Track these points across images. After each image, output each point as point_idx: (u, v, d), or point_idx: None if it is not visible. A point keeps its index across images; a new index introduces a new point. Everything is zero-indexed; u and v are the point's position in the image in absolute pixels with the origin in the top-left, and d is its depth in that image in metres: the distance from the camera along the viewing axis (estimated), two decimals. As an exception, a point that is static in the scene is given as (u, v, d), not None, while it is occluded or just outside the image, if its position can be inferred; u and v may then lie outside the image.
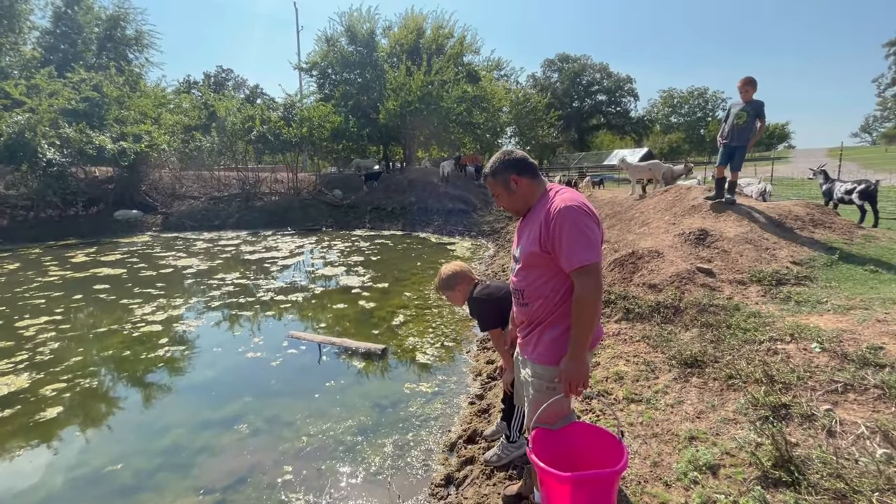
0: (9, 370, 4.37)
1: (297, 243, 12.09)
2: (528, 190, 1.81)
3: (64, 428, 3.42)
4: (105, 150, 13.33)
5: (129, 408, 3.74)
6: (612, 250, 5.65)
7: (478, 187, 19.81)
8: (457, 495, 2.57)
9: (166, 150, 15.78)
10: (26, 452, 3.14)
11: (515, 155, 1.84)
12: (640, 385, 3.12)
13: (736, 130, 5.41)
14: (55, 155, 12.55)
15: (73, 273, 8.51)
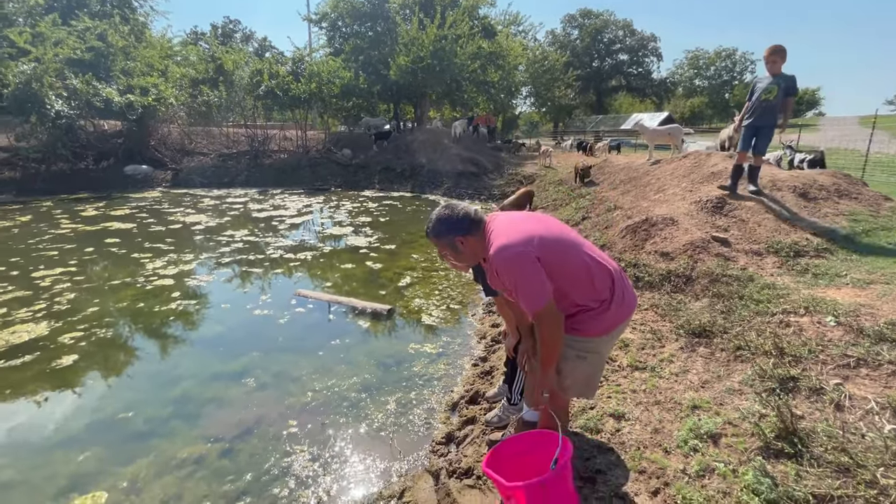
0: (28, 318, 4.49)
1: (304, 202, 12.05)
2: (476, 247, 1.80)
3: (80, 375, 3.53)
4: (112, 102, 13.17)
5: (142, 358, 3.83)
6: (626, 217, 5.51)
7: (490, 149, 19.37)
8: (457, 453, 2.62)
9: (174, 105, 15.53)
10: (44, 397, 3.25)
11: (458, 213, 1.79)
12: (645, 353, 3.09)
13: (762, 108, 4.61)
14: (63, 107, 12.44)
15: (84, 226, 8.61)
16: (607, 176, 9.14)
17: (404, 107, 28.23)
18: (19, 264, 6.16)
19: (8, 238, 7.68)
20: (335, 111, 24.75)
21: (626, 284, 1.83)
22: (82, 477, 2.49)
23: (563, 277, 1.70)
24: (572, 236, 1.83)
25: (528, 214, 1.92)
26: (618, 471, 2.12)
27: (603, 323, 1.76)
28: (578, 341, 1.80)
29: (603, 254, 1.88)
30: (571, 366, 1.84)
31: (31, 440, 2.81)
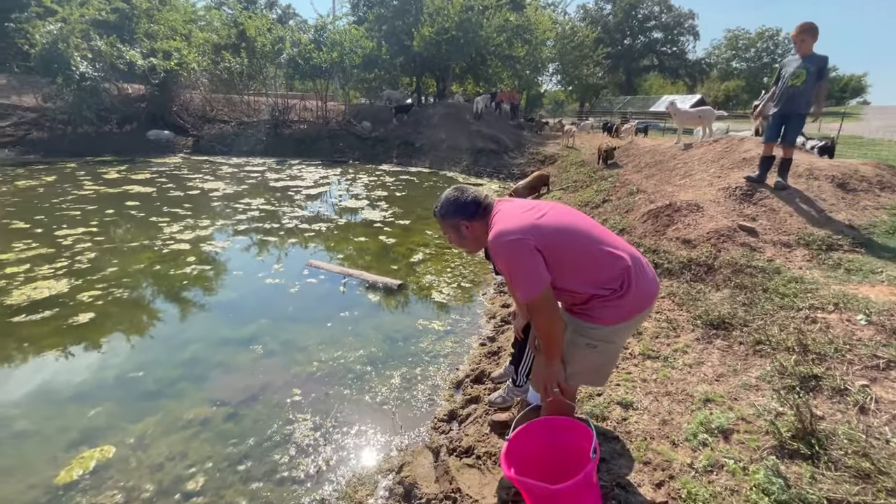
0: (50, 275, 4.61)
1: (322, 174, 12.02)
2: (480, 233, 1.78)
3: (95, 333, 3.62)
4: (135, 65, 13.22)
5: (155, 320, 3.90)
6: (648, 201, 5.31)
7: (512, 127, 18.92)
8: (459, 431, 2.60)
9: (196, 70, 15.51)
10: (60, 353, 3.35)
11: (466, 197, 1.77)
12: (658, 342, 2.99)
13: (788, 94, 4.15)
14: (87, 68, 12.54)
15: (106, 188, 8.76)
16: (632, 159, 8.83)
17: (426, 80, 27.69)
18: (43, 222, 6.32)
19: (34, 197, 7.88)
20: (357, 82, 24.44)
21: (645, 273, 1.73)
22: (93, 431, 2.56)
23: (567, 267, 1.63)
24: (582, 225, 1.73)
25: (535, 203, 1.84)
26: (622, 460, 2.06)
27: (617, 311, 1.67)
28: (590, 329, 1.72)
29: (620, 241, 1.77)
30: (581, 354, 1.76)
31: (46, 393, 2.89)
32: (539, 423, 1.87)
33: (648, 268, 1.78)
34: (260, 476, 2.30)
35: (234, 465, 2.34)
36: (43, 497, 2.13)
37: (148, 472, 2.29)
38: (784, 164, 4.48)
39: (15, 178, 9.62)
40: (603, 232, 1.76)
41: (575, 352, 1.78)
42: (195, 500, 2.14)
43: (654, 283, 1.77)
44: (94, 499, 2.12)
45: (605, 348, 1.77)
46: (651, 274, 1.77)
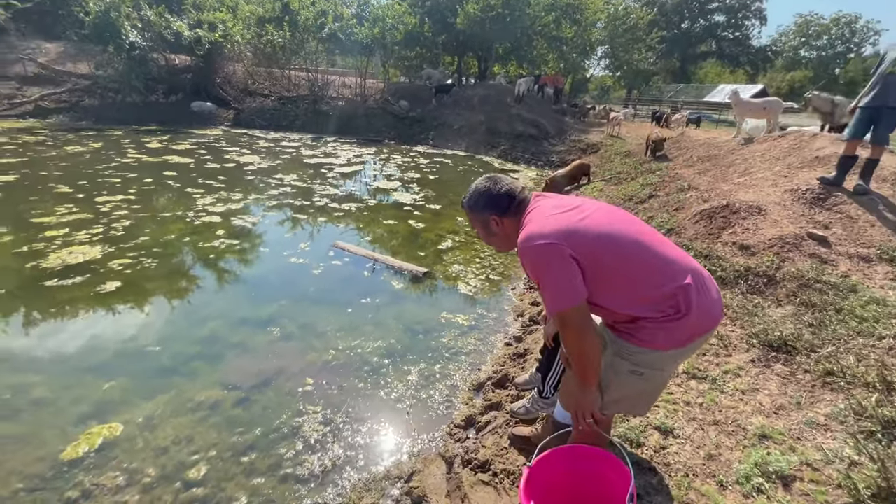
0: (86, 240, 4.70)
1: (356, 152, 11.92)
2: (512, 230, 1.54)
3: (120, 303, 3.62)
4: (182, 36, 13.42)
5: (178, 293, 3.88)
6: (701, 199, 4.85)
7: (554, 112, 18.19)
8: (475, 440, 2.40)
9: (239, 43, 15.63)
10: (82, 320, 3.36)
11: (499, 188, 1.55)
12: (706, 360, 2.67)
13: (886, 84, 3.59)
14: (137, 38, 12.84)
15: (147, 157, 8.98)
16: (683, 151, 8.21)
17: (468, 60, 27.01)
18: (85, 188, 6.50)
19: (79, 162, 8.16)
20: (397, 60, 24.09)
21: (708, 292, 1.44)
22: (105, 405, 2.52)
23: (610, 282, 1.39)
24: (633, 232, 1.46)
25: (579, 201, 1.56)
26: (658, 497, 1.81)
27: (672, 335, 1.40)
28: (636, 352, 1.45)
29: (679, 253, 1.49)
30: (622, 381, 1.51)
31: (66, 361, 2.89)
32: (564, 450, 1.63)
33: (713, 286, 1.49)
34: (263, 470, 2.19)
35: (238, 456, 2.24)
36: (48, 471, 2.09)
37: (152, 454, 2.22)
38: (869, 166, 3.93)
39: (65, 143, 10.02)
40: (659, 241, 1.48)
41: (615, 378, 1.52)
42: (195, 491, 2.04)
43: (719, 303, 1.48)
44: (96, 479, 2.06)
45: (653, 376, 1.50)
46: (715, 293, 1.48)
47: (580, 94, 35.82)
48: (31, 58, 14.45)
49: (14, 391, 2.59)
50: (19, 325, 3.28)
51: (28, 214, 5.30)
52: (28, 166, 7.52)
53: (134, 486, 2.05)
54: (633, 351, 1.47)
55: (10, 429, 2.33)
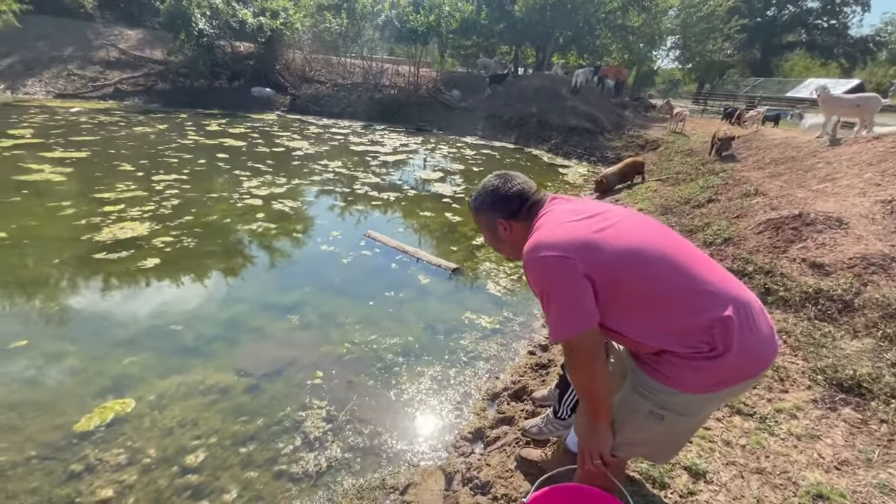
0: (137, 217, 4.95)
1: (402, 141, 11.90)
2: (520, 236, 1.32)
3: (155, 279, 3.76)
4: (246, 24, 13.98)
5: (209, 274, 3.98)
6: (768, 206, 4.31)
7: (613, 106, 17.24)
8: (481, 457, 2.23)
9: (299, 30, 16.06)
10: (120, 294, 3.52)
11: (509, 188, 1.35)
12: (756, 394, 2.32)
13: None
14: (205, 25, 13.52)
15: (204, 140, 9.43)
16: (754, 152, 7.43)
17: (526, 49, 26.24)
18: (145, 167, 6.90)
19: (145, 143, 8.70)
20: (453, 49, 23.82)
21: (755, 325, 1.16)
22: (124, 380, 2.59)
23: (630, 307, 1.17)
24: (662, 246, 1.21)
25: (601, 208, 1.32)
26: (678, 556, 1.56)
27: (703, 376, 1.15)
28: (658, 391, 1.21)
29: (722, 275, 1.22)
30: (639, 423, 1.27)
31: (98, 333, 3.02)
32: (567, 489, 1.42)
33: (763, 321, 1.20)
34: (260, 463, 2.14)
35: (238, 446, 2.21)
36: (61, 441, 2.16)
37: (157, 435, 2.24)
38: None
39: (135, 124, 10.76)
40: (696, 262, 1.21)
41: (631, 417, 1.29)
42: (190, 477, 2.03)
43: (771, 343, 1.20)
44: (101, 454, 2.10)
45: (677, 422, 1.25)
46: (766, 329, 1.20)
47: (645, 88, 33.78)
48: (114, 44, 15.69)
49: (48, 358, 2.73)
50: (65, 295, 3.48)
51: (92, 190, 5.68)
52: (100, 145, 8.12)
53: (134, 465, 2.07)
54: (654, 388, 1.23)
55: (38, 394, 2.44)
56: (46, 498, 1.88)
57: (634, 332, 1.22)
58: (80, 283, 3.65)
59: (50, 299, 3.38)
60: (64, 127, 9.46)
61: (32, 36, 15.30)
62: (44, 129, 8.94)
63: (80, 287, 3.59)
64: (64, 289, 3.55)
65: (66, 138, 8.34)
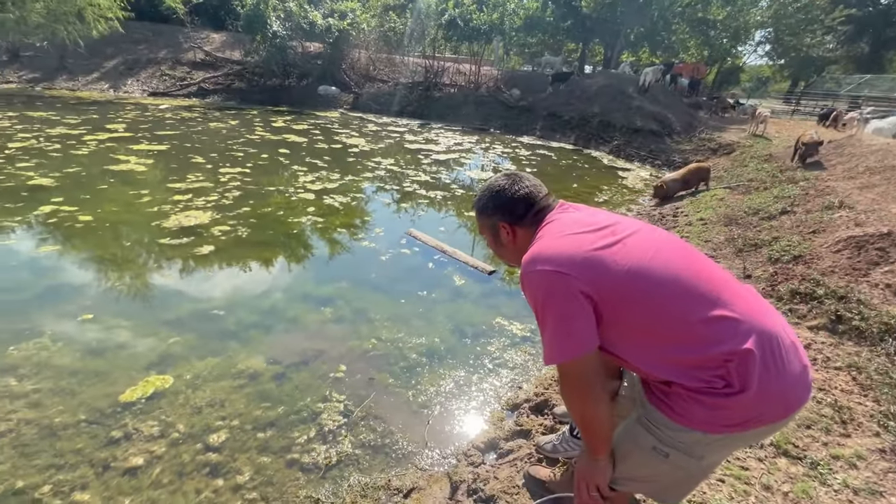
0: (201, 206, 5.36)
1: (457, 140, 11.90)
2: (524, 243, 1.25)
3: (207, 265, 4.04)
4: (316, 25, 14.67)
5: (255, 263, 4.20)
6: (853, 222, 3.81)
7: (685, 106, 16.12)
8: (490, 468, 2.16)
9: (365, 30, 16.59)
10: (175, 277, 3.81)
11: (516, 190, 1.28)
12: (809, 434, 2.05)
13: None
14: (279, 27, 14.38)
15: (269, 135, 10.01)
16: (846, 159, 6.60)
17: (594, 47, 25.26)
18: (214, 160, 7.45)
19: (216, 137, 9.41)
20: (518, 47, 23.47)
21: (784, 362, 1.02)
22: (166, 357, 2.80)
23: (634, 331, 1.06)
24: (677, 267, 1.09)
25: (612, 218, 1.22)
26: None
27: (716, 414, 1.02)
28: (664, 426, 1.10)
29: (749, 303, 1.08)
30: (643, 458, 1.16)
31: (152, 311, 3.29)
32: None
33: (794, 356, 1.04)
34: (275, 449, 2.22)
35: (257, 431, 2.31)
36: (107, 408, 2.37)
37: (188, 412, 2.39)
38: None
39: (211, 119, 11.67)
40: (718, 284, 1.08)
41: (634, 451, 1.18)
42: (210, 455, 2.15)
43: (801, 384, 1.04)
44: (138, 424, 2.28)
45: (684, 463, 1.12)
46: (797, 368, 1.04)
47: (728, 86, 31.18)
48: (200, 46, 17.16)
49: (109, 331, 3.02)
50: (130, 275, 3.83)
51: (167, 180, 6.23)
52: (179, 139, 8.90)
53: (165, 438, 2.23)
54: (660, 422, 1.11)
55: (96, 364, 2.71)
56: (87, 459, 2.08)
57: (639, 360, 1.11)
58: (144, 265, 4.00)
59: (117, 278, 3.74)
60: (151, 122, 10.48)
61: (133, 40, 17.13)
62: (134, 124, 9.96)
63: (143, 268, 3.94)
64: (129, 269, 3.91)
65: (152, 132, 9.23)
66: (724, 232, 4.66)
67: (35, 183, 5.62)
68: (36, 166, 6.27)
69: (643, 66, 20.86)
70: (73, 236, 4.36)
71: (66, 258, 3.97)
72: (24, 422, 2.24)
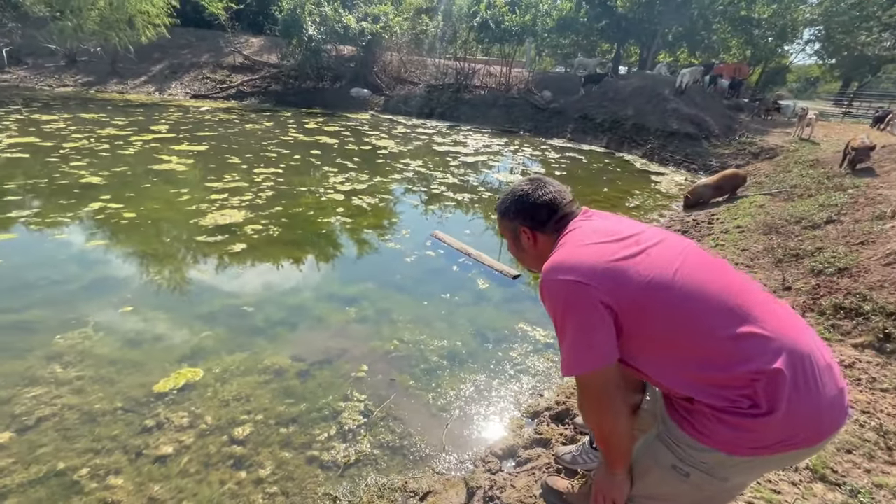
0: (236, 205, 5.55)
1: (485, 142, 11.86)
2: (545, 249, 1.24)
3: (238, 263, 4.18)
4: (349, 28, 14.98)
5: (284, 261, 4.32)
6: (905, 233, 3.56)
7: (725, 108, 15.50)
8: (508, 476, 2.14)
9: (398, 33, 16.80)
10: (207, 273, 3.96)
11: (539, 195, 1.25)
12: (850, 460, 1.93)
13: None
14: (314, 31, 14.76)
15: (302, 136, 10.27)
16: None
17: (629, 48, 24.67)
18: (249, 160, 7.71)
19: (251, 138, 9.73)
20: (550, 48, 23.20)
21: (817, 384, 0.97)
22: (199, 351, 2.92)
23: (655, 345, 1.04)
24: (702, 280, 1.06)
25: (636, 227, 1.19)
26: None
27: (743, 435, 0.98)
28: (686, 444, 1.07)
29: (784, 318, 1.04)
30: (661, 477, 1.13)
31: (188, 306, 3.44)
32: None
33: (830, 378, 0.99)
34: (296, 445, 2.27)
35: (280, 426, 2.37)
36: (142, 397, 2.49)
37: (216, 405, 2.48)
38: None
39: (248, 121, 12.08)
40: (748, 298, 1.04)
41: (653, 468, 1.15)
42: (234, 448, 2.22)
43: (836, 407, 0.99)
44: (170, 414, 2.39)
45: (705, 483, 1.08)
46: (832, 391, 0.99)
47: (773, 87, 29.72)
48: (239, 50, 17.81)
49: (147, 323, 3.17)
50: (167, 270, 4.01)
51: (205, 179, 6.50)
52: (217, 140, 9.26)
53: (193, 428, 2.32)
54: (681, 441, 1.08)
55: (134, 355, 2.85)
56: (122, 445, 2.19)
57: (660, 374, 1.08)
58: (182, 261, 4.18)
59: (156, 273, 3.92)
60: (192, 124, 10.95)
61: (178, 45, 17.98)
62: (176, 126, 10.43)
63: (180, 264, 4.11)
64: (168, 265, 4.09)
65: (192, 133, 9.64)
66: (763, 241, 4.45)
67: (86, 181, 5.97)
68: (87, 165, 6.66)
69: (681, 66, 20.20)
70: (118, 232, 4.60)
71: (111, 253, 4.19)
72: (68, 407, 2.39)
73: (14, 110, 10.76)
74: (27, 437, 2.19)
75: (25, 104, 11.82)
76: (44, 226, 4.62)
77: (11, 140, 7.77)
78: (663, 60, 21.69)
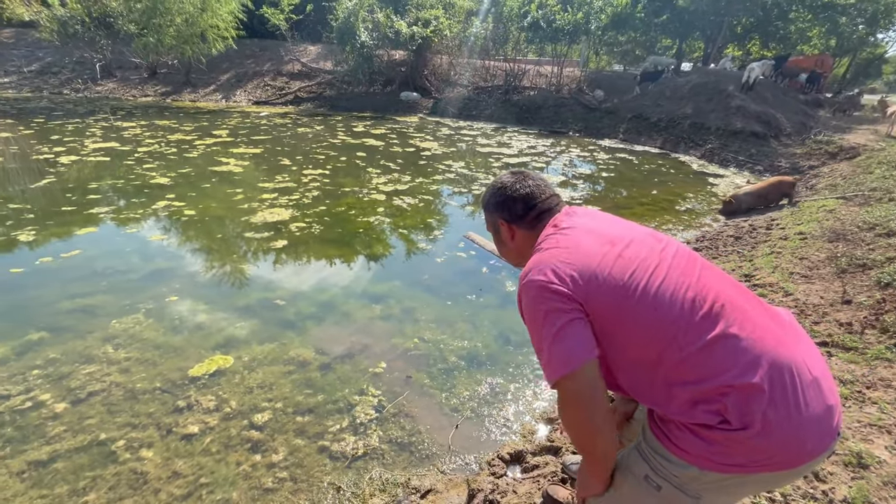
0: (283, 204, 5.87)
1: (531, 143, 11.66)
2: (524, 244, 1.23)
3: (278, 257, 4.41)
4: (401, 34, 15.32)
5: (321, 258, 4.49)
6: None
7: (799, 104, 14.24)
8: (512, 482, 2.10)
9: (448, 36, 16.94)
10: (249, 266, 4.21)
11: (519, 188, 1.22)
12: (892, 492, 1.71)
13: None
14: (367, 38, 15.25)
15: (350, 139, 10.63)
16: None
17: (692, 42, 23.27)
18: (298, 161, 8.11)
19: (301, 141, 10.22)
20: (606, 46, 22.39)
21: (801, 401, 0.89)
22: (232, 340, 3.12)
23: (628, 353, 1.01)
24: (683, 284, 1.01)
25: (619, 226, 1.13)
26: None
27: (717, 450, 0.92)
28: (659, 456, 1.01)
29: (770, 325, 0.97)
30: (633, 487, 1.08)
31: (227, 297, 3.68)
32: None
33: (816, 394, 0.91)
34: (309, 435, 2.37)
35: (296, 415, 2.48)
36: (179, 380, 2.71)
37: (241, 391, 2.64)
38: None
39: (300, 125, 12.69)
40: (729, 305, 0.98)
41: (627, 478, 1.10)
42: (253, 433, 2.35)
43: (822, 426, 0.91)
44: (199, 397, 2.57)
45: (675, 499, 1.01)
46: (818, 408, 0.90)
47: (866, 80, 26.74)
48: (298, 58, 18.80)
49: (190, 312, 3.43)
50: (215, 263, 4.31)
51: (258, 180, 6.92)
52: (271, 143, 9.82)
53: (218, 412, 2.48)
54: (657, 451, 1.03)
55: (175, 341, 3.09)
56: (156, 422, 2.39)
57: (632, 388, 1.03)
58: (229, 255, 4.48)
59: (203, 266, 4.23)
60: (250, 128, 11.68)
61: (244, 55, 19.29)
62: (236, 130, 11.18)
63: (227, 259, 4.41)
64: (216, 259, 4.40)
65: (249, 137, 10.29)
66: (827, 249, 4.04)
67: (155, 182, 6.55)
68: (157, 167, 7.32)
69: (751, 60, 18.74)
70: (177, 228, 5.02)
71: (169, 246, 4.58)
72: (115, 384, 2.64)
73: (102, 118, 12.04)
74: (78, 408, 2.46)
75: (112, 112, 13.20)
76: (118, 221, 5.13)
77: (96, 145, 8.70)
78: (730, 54, 20.24)
